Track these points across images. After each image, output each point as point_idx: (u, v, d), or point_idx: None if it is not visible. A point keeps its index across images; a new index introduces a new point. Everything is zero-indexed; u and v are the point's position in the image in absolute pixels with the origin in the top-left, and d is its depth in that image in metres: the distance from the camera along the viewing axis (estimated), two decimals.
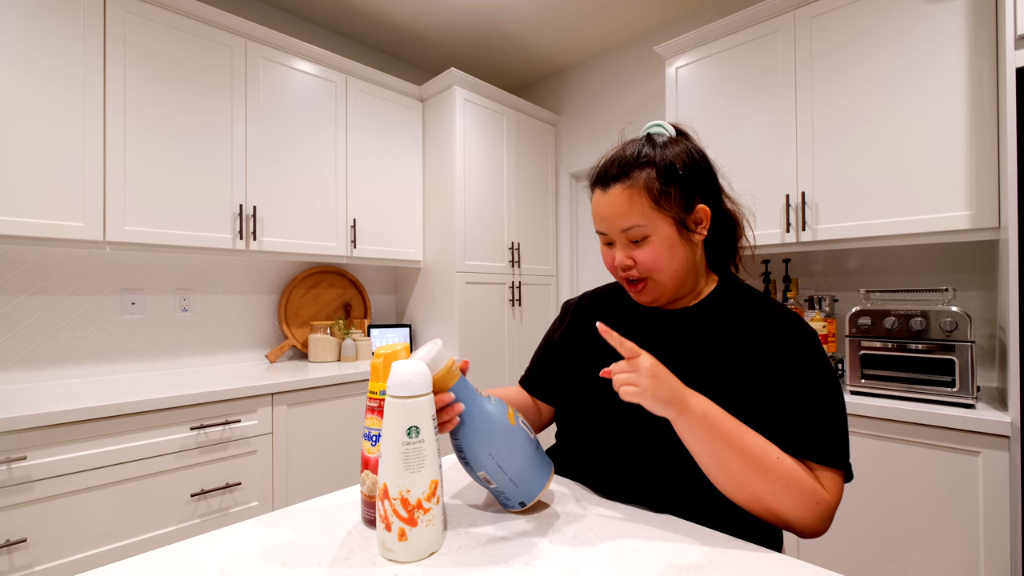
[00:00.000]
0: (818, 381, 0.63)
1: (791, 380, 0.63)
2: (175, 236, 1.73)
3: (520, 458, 0.63)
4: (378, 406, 0.63)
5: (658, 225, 0.67)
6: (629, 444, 0.69)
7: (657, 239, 0.67)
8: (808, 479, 0.58)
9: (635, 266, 0.69)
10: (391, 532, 0.55)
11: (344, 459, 1.92)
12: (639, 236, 0.67)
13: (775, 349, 0.65)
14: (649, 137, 0.72)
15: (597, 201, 0.71)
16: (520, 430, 0.64)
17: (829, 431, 0.61)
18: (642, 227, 0.67)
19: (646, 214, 0.66)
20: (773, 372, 0.64)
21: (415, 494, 0.54)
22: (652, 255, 0.67)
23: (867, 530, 1.37)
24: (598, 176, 0.71)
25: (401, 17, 2.43)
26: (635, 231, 0.67)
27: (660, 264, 0.67)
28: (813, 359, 0.64)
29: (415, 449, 0.55)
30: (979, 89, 1.38)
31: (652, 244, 0.67)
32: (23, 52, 1.45)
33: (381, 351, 0.64)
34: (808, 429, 0.60)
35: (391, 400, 0.55)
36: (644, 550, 0.57)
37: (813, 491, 0.58)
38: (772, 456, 0.58)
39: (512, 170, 2.66)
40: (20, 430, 1.24)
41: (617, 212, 0.67)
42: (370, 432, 0.64)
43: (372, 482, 0.63)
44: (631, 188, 0.67)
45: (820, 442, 0.60)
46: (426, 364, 0.57)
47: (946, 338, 1.33)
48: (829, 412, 0.61)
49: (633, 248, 0.68)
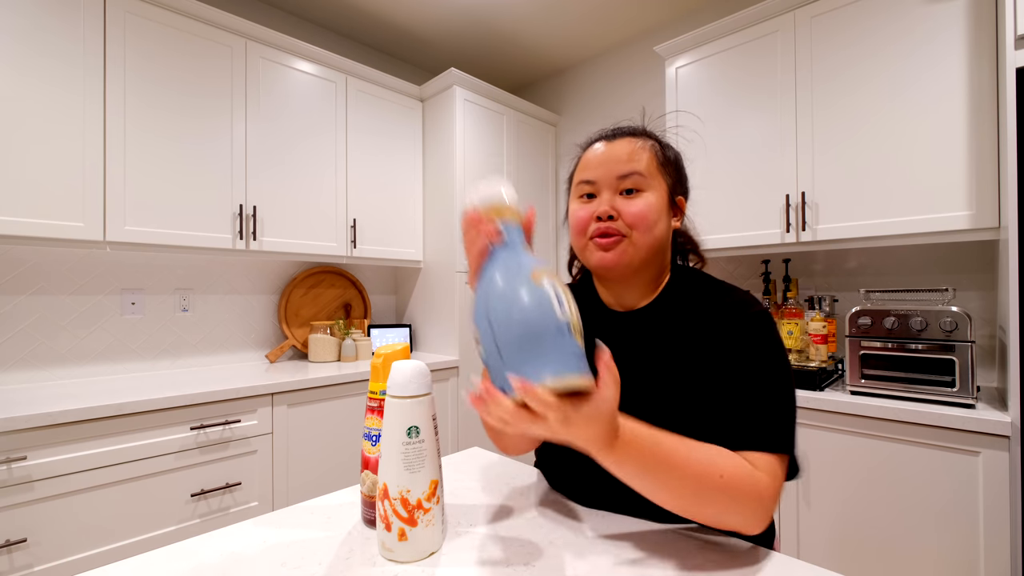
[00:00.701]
0: (760, 365, 0.60)
1: (734, 367, 0.61)
2: (175, 236, 1.73)
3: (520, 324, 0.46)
4: (378, 406, 0.63)
5: (655, 183, 0.67)
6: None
7: (651, 196, 0.66)
8: (749, 482, 0.54)
9: (619, 218, 0.65)
10: (391, 532, 0.55)
11: (344, 459, 1.92)
12: (635, 186, 0.66)
13: (722, 338, 0.63)
14: None
15: (595, 149, 0.70)
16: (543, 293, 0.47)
17: (769, 415, 0.58)
18: (641, 177, 0.66)
19: (648, 168, 0.67)
20: (719, 361, 0.62)
21: (415, 494, 0.54)
22: (643, 208, 0.65)
23: (867, 530, 1.37)
24: (603, 134, 0.72)
25: (401, 17, 2.43)
26: (633, 179, 0.66)
27: (647, 220, 0.65)
28: (757, 343, 0.62)
29: (415, 449, 0.55)
30: (979, 89, 1.38)
31: (645, 198, 0.66)
32: (23, 52, 1.45)
33: (381, 351, 0.64)
34: (747, 416, 0.58)
35: (391, 400, 0.55)
36: (644, 551, 0.57)
37: (756, 494, 0.54)
38: (715, 476, 0.53)
39: (512, 170, 2.66)
40: (20, 430, 1.24)
41: (621, 157, 0.67)
42: (370, 432, 0.64)
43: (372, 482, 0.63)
44: (640, 143, 0.69)
45: (759, 428, 0.58)
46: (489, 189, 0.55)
47: (946, 338, 1.33)
48: (771, 396, 0.59)
49: (622, 200, 0.66)
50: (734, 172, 1.87)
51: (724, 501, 0.53)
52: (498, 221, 0.54)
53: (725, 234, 1.89)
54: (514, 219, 0.55)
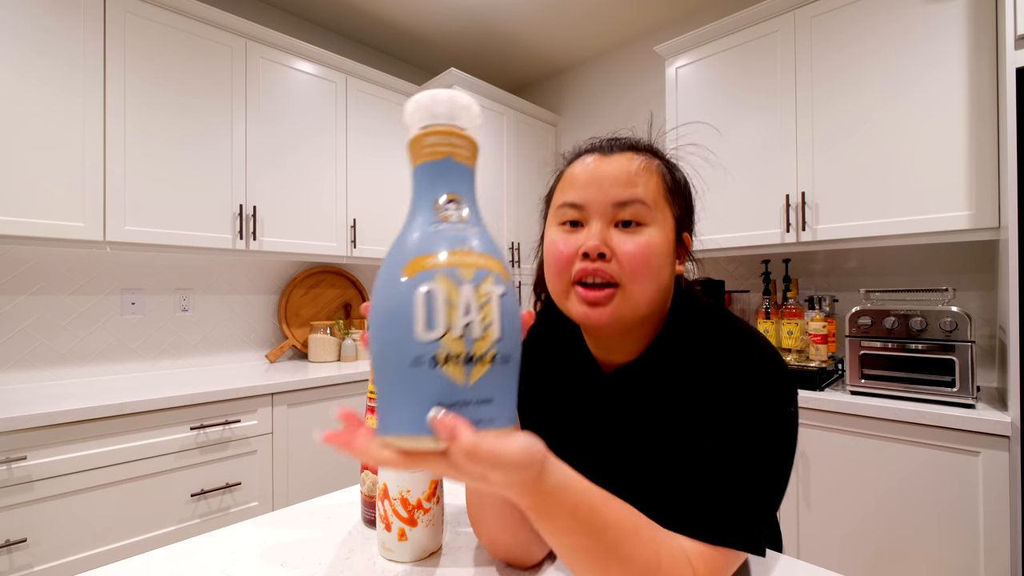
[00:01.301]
0: (739, 440, 0.45)
1: (713, 433, 0.47)
2: (175, 236, 1.73)
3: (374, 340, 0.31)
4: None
5: (661, 218, 0.51)
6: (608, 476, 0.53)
7: (655, 232, 0.50)
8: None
9: (612, 257, 0.49)
10: (391, 532, 0.55)
11: (344, 459, 1.92)
12: (635, 218, 0.50)
13: (713, 400, 0.49)
14: None
15: (586, 165, 0.53)
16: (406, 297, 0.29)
17: (734, 507, 0.43)
18: (645, 208, 0.50)
19: (654, 195, 0.51)
20: (700, 426, 0.48)
21: (415, 494, 0.55)
22: (644, 249, 0.49)
23: (867, 530, 1.37)
24: (598, 145, 0.56)
25: (401, 17, 2.43)
26: (634, 208, 0.50)
27: (648, 265, 0.49)
28: (743, 414, 0.46)
29: None
30: (979, 89, 1.38)
31: (647, 235, 0.49)
32: (23, 53, 1.45)
33: None
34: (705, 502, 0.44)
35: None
36: None
37: None
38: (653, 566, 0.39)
39: (512, 170, 2.66)
40: (20, 430, 1.24)
41: (619, 177, 0.50)
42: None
43: (372, 482, 0.63)
44: (645, 161, 0.52)
45: (717, 518, 0.43)
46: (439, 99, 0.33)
47: (946, 338, 1.33)
48: (742, 482, 0.44)
49: (618, 234, 0.50)
50: (734, 172, 1.87)
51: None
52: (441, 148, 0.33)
53: (725, 234, 1.89)
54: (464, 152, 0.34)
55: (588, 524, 0.37)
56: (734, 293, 2.08)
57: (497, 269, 0.32)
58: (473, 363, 0.29)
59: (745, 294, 2.09)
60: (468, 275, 0.30)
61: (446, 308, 0.29)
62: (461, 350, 0.29)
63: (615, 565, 0.37)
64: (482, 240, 0.32)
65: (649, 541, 0.39)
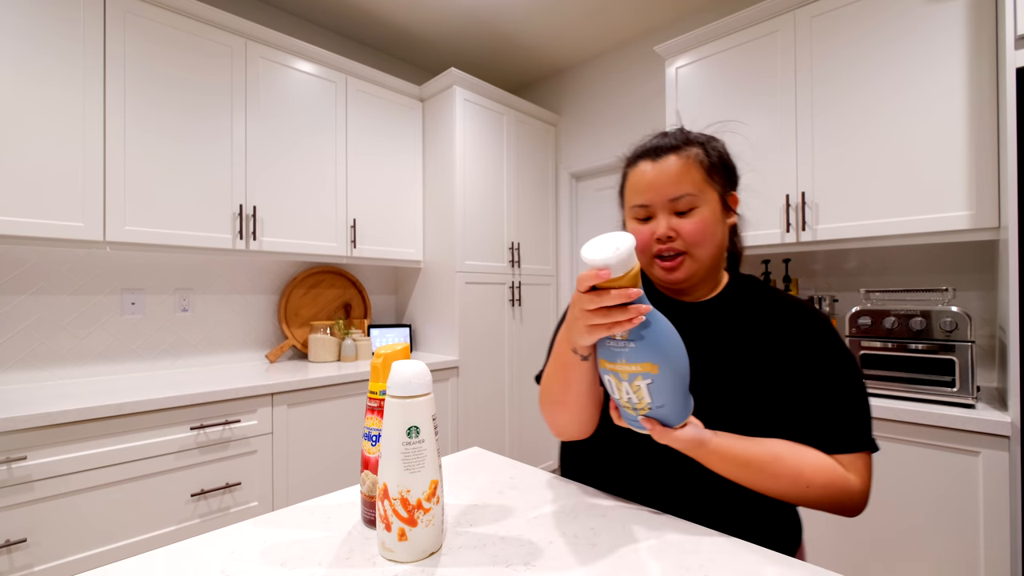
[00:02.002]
0: (839, 372, 0.66)
1: (814, 372, 0.66)
2: (175, 236, 1.73)
3: (684, 374, 0.57)
4: (378, 406, 0.63)
5: (707, 196, 0.68)
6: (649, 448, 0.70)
7: (705, 210, 0.68)
8: (839, 488, 0.61)
9: (678, 237, 0.68)
10: (391, 532, 0.55)
11: (344, 459, 1.92)
12: (688, 206, 0.68)
13: (796, 340, 0.68)
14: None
15: (643, 171, 0.70)
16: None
17: (852, 420, 0.64)
18: (693, 196, 0.67)
19: (698, 184, 0.68)
20: (796, 364, 0.67)
21: (415, 494, 0.54)
22: (699, 225, 0.67)
23: (867, 530, 1.37)
24: (646, 150, 0.72)
25: (401, 17, 2.43)
26: (685, 200, 0.67)
27: (704, 236, 0.67)
28: (833, 348, 0.67)
29: (415, 449, 0.55)
30: (979, 89, 1.38)
31: (700, 215, 0.67)
32: (23, 52, 1.45)
33: (381, 351, 0.64)
34: (833, 425, 0.64)
35: (391, 400, 0.55)
36: (644, 550, 0.57)
37: (847, 497, 0.61)
38: (802, 483, 0.61)
39: (512, 170, 2.66)
40: (20, 430, 1.24)
41: (670, 179, 0.68)
42: (370, 432, 0.64)
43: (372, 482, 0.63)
44: (686, 158, 0.69)
45: (845, 434, 0.63)
46: (618, 256, 0.51)
47: (946, 338, 1.33)
48: (851, 399, 0.65)
49: (677, 219, 0.68)
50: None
51: (815, 503, 0.62)
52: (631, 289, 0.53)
53: None
54: (639, 279, 0.55)
55: (737, 462, 0.61)
56: None
57: (646, 369, 0.55)
58: (637, 412, 0.59)
59: None
60: (625, 376, 0.57)
61: (616, 392, 0.59)
62: (629, 407, 0.59)
63: (766, 480, 0.61)
64: (634, 352, 0.55)
65: (790, 461, 0.61)
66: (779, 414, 0.66)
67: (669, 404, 0.57)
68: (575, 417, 0.70)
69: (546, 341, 2.85)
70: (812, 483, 0.60)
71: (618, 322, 0.53)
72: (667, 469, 0.69)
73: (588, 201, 2.90)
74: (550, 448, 2.86)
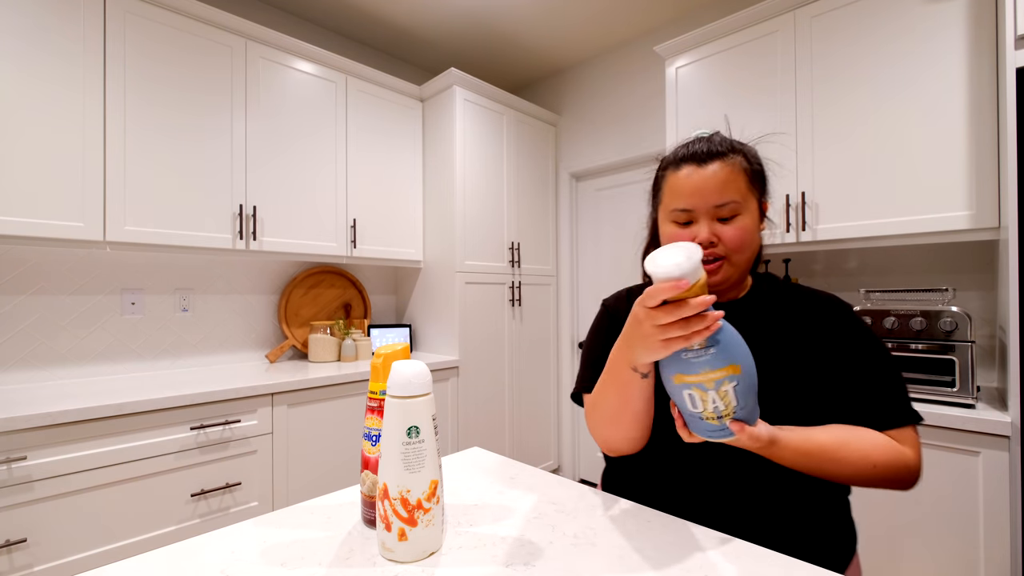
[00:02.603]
0: (873, 353, 0.69)
1: (850, 357, 0.69)
2: (175, 236, 1.73)
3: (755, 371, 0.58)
4: (378, 406, 0.63)
5: (749, 204, 0.70)
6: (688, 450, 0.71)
7: (747, 218, 0.69)
8: (900, 463, 0.64)
9: (719, 243, 0.69)
10: (391, 532, 0.55)
11: (344, 459, 1.92)
12: (731, 213, 0.68)
13: (827, 329, 0.71)
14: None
15: (688, 176, 0.70)
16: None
17: (896, 396, 0.67)
18: (737, 203, 0.68)
19: (742, 192, 0.69)
20: (832, 351, 0.69)
21: (415, 494, 0.54)
22: (741, 232, 0.68)
23: (867, 530, 1.37)
24: (691, 154, 0.71)
25: (401, 17, 2.43)
26: (730, 207, 0.68)
27: (745, 243, 0.69)
28: (863, 333, 0.70)
29: (415, 449, 0.55)
30: (979, 89, 1.38)
31: (741, 222, 0.68)
32: (23, 51, 1.45)
33: (381, 351, 0.64)
34: (880, 403, 0.67)
35: (391, 400, 0.55)
36: (644, 550, 0.57)
37: (906, 469, 0.64)
38: (868, 468, 0.63)
39: (512, 170, 2.66)
40: (20, 430, 1.24)
41: (716, 186, 0.68)
42: (370, 432, 0.64)
43: (372, 482, 0.63)
44: (732, 165, 0.69)
45: (893, 410, 0.66)
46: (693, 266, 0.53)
47: (946, 338, 1.33)
48: (890, 378, 0.68)
49: (720, 226, 0.69)
50: None
51: (879, 482, 0.64)
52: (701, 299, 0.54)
53: None
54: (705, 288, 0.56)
55: (808, 454, 0.62)
56: None
57: (732, 371, 0.55)
58: (723, 419, 0.57)
59: None
60: (711, 384, 0.56)
61: (700, 404, 0.57)
62: (713, 416, 0.58)
63: (836, 466, 0.63)
64: (715, 358, 0.55)
65: (860, 444, 0.63)
66: (825, 401, 0.68)
67: (750, 403, 0.58)
68: (632, 434, 0.70)
69: (546, 341, 2.85)
70: (878, 463, 0.62)
71: (697, 331, 0.53)
72: (718, 482, 0.69)
73: (588, 201, 2.90)
74: (550, 448, 2.86)
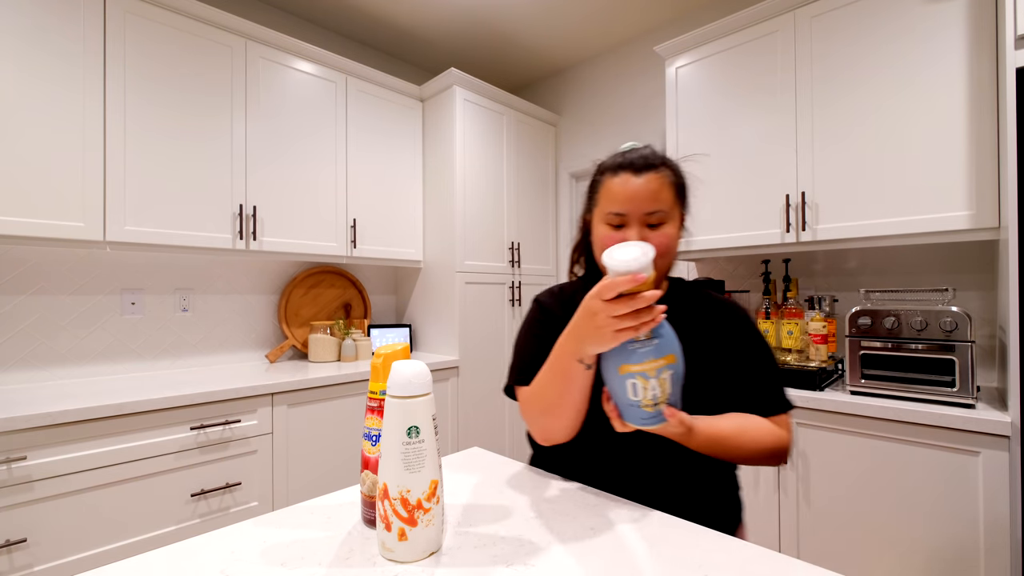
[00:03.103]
0: (762, 353, 0.80)
1: (746, 358, 0.79)
2: (175, 236, 1.73)
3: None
4: (378, 406, 0.63)
5: (674, 215, 0.77)
6: (613, 437, 0.78)
7: (671, 227, 0.76)
8: (779, 443, 0.74)
9: None
10: (391, 532, 0.55)
11: (344, 459, 1.92)
12: (659, 221, 0.75)
13: (727, 331, 0.81)
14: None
15: (624, 183, 0.76)
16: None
17: (778, 390, 0.79)
18: (665, 213, 0.75)
19: (669, 203, 0.76)
20: (731, 350, 0.80)
21: (415, 494, 0.54)
22: (666, 240, 0.75)
23: (867, 530, 1.37)
24: (629, 162, 0.77)
25: (401, 17, 2.43)
26: (659, 215, 0.75)
27: (669, 249, 0.76)
28: (755, 336, 0.81)
29: (415, 449, 0.55)
30: (979, 89, 1.38)
31: (667, 230, 0.76)
32: (23, 52, 1.45)
33: (381, 351, 0.64)
34: (766, 395, 0.78)
35: (391, 400, 0.55)
36: (643, 550, 0.57)
37: (784, 448, 0.75)
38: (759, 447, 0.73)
39: (512, 170, 2.66)
40: (20, 430, 1.24)
41: (647, 195, 0.74)
42: (370, 432, 0.64)
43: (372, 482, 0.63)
44: (662, 177, 0.76)
45: (775, 400, 0.78)
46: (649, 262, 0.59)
47: (946, 338, 1.33)
48: (776, 373, 0.80)
49: (648, 231, 0.75)
50: (734, 172, 1.87)
51: (764, 459, 0.74)
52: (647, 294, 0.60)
53: (725, 234, 1.89)
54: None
55: (714, 441, 0.71)
56: (734, 293, 2.08)
57: (670, 361, 0.62)
58: (657, 406, 0.63)
59: (745, 294, 2.09)
60: (652, 372, 0.62)
61: (641, 392, 0.63)
62: (650, 403, 0.63)
63: (734, 450, 0.72)
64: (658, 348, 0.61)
65: (752, 431, 0.73)
66: (723, 392, 0.78)
67: (678, 392, 0.65)
68: (569, 423, 0.75)
69: None
70: (766, 446, 0.73)
71: (645, 323, 0.59)
72: (636, 465, 0.77)
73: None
74: None
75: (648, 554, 0.57)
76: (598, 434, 0.78)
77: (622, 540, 0.60)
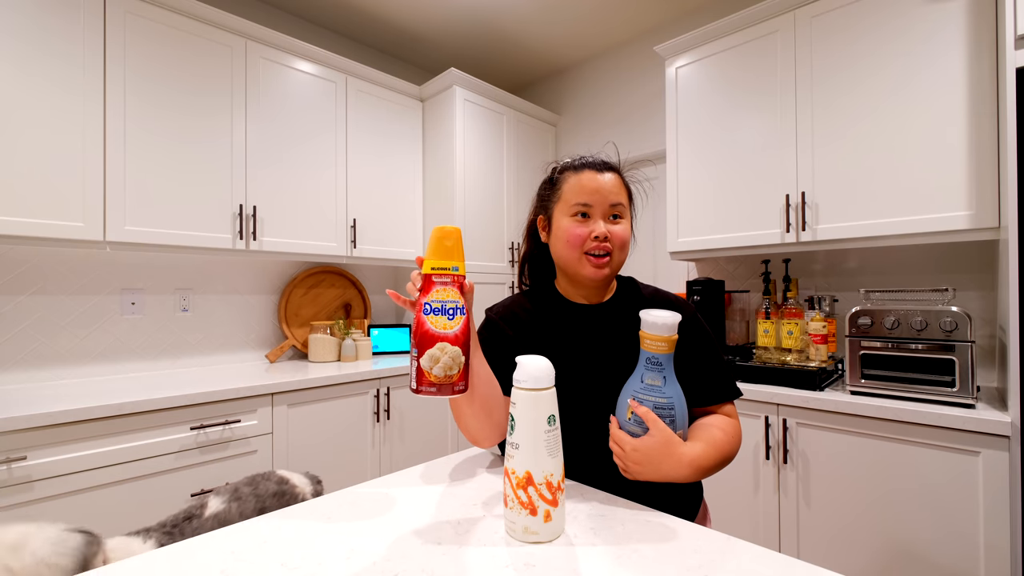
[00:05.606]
0: (710, 344, 0.87)
1: (695, 352, 0.85)
2: (175, 236, 1.73)
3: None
4: (451, 280, 0.66)
5: (629, 213, 0.88)
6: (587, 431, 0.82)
7: (627, 223, 0.86)
8: (737, 434, 0.80)
9: (610, 240, 0.83)
10: (537, 516, 0.59)
11: (344, 459, 1.92)
12: (620, 213, 0.84)
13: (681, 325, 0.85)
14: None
15: (591, 178, 0.84)
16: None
17: (727, 379, 0.86)
18: (624, 208, 0.85)
19: (627, 201, 0.87)
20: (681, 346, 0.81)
21: (556, 477, 0.59)
22: (625, 232, 0.84)
23: (867, 530, 1.37)
24: (592, 163, 0.87)
25: (401, 17, 2.43)
26: (619, 209, 0.84)
27: (626, 241, 0.85)
28: (702, 331, 0.88)
29: (553, 436, 0.60)
30: (979, 89, 1.38)
31: (625, 224, 0.85)
32: (23, 52, 1.45)
33: (444, 228, 0.69)
34: (715, 383, 0.85)
35: (528, 393, 0.59)
36: (644, 550, 0.57)
37: (739, 438, 0.81)
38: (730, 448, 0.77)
39: (512, 170, 2.66)
40: (20, 430, 1.24)
41: (612, 189, 0.84)
42: (445, 305, 0.64)
43: (451, 357, 0.62)
44: (620, 179, 0.87)
45: (725, 388, 0.85)
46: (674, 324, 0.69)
47: (946, 338, 1.33)
48: (722, 366, 0.87)
49: (611, 224, 0.84)
50: (734, 172, 1.87)
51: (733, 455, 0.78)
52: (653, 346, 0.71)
53: (725, 234, 1.89)
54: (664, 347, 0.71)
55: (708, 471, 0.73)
56: (734, 293, 2.08)
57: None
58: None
59: (745, 294, 2.09)
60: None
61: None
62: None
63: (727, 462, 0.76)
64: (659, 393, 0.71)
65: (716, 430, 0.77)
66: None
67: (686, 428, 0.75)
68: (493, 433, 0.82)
69: None
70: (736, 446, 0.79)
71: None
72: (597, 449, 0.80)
73: None
74: None
75: (649, 554, 0.57)
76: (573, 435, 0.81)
77: (623, 540, 0.60)
